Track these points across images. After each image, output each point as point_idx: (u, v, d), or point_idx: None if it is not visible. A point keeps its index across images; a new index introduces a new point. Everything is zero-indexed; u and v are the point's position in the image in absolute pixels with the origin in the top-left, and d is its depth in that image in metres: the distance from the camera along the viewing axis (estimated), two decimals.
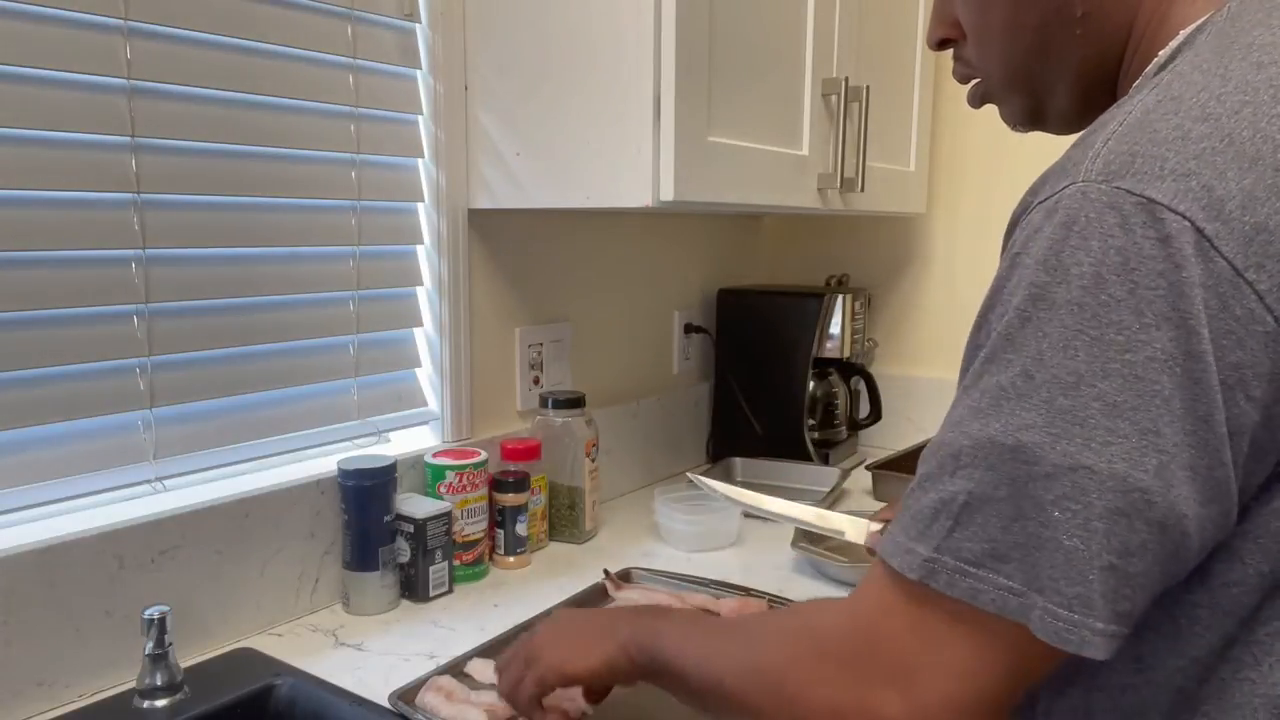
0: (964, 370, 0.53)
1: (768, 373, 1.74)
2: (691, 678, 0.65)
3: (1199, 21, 0.55)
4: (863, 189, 1.44)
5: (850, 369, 1.81)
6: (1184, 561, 0.48)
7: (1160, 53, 0.57)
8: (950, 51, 0.70)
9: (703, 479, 1.23)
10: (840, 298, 1.71)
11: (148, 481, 1.00)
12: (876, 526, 0.99)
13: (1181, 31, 0.56)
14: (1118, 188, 0.46)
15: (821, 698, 0.55)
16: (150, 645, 0.88)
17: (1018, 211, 0.54)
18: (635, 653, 0.70)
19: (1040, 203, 0.50)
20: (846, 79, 1.37)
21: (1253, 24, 0.51)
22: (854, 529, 1.01)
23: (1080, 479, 0.46)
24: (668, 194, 1.09)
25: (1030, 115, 0.68)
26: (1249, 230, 0.45)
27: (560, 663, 0.74)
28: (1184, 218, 0.45)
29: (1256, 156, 0.46)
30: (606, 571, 1.17)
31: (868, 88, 1.43)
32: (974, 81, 0.69)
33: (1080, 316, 0.46)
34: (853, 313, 1.72)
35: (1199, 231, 0.45)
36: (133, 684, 0.91)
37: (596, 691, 0.78)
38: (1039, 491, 0.46)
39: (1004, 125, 0.70)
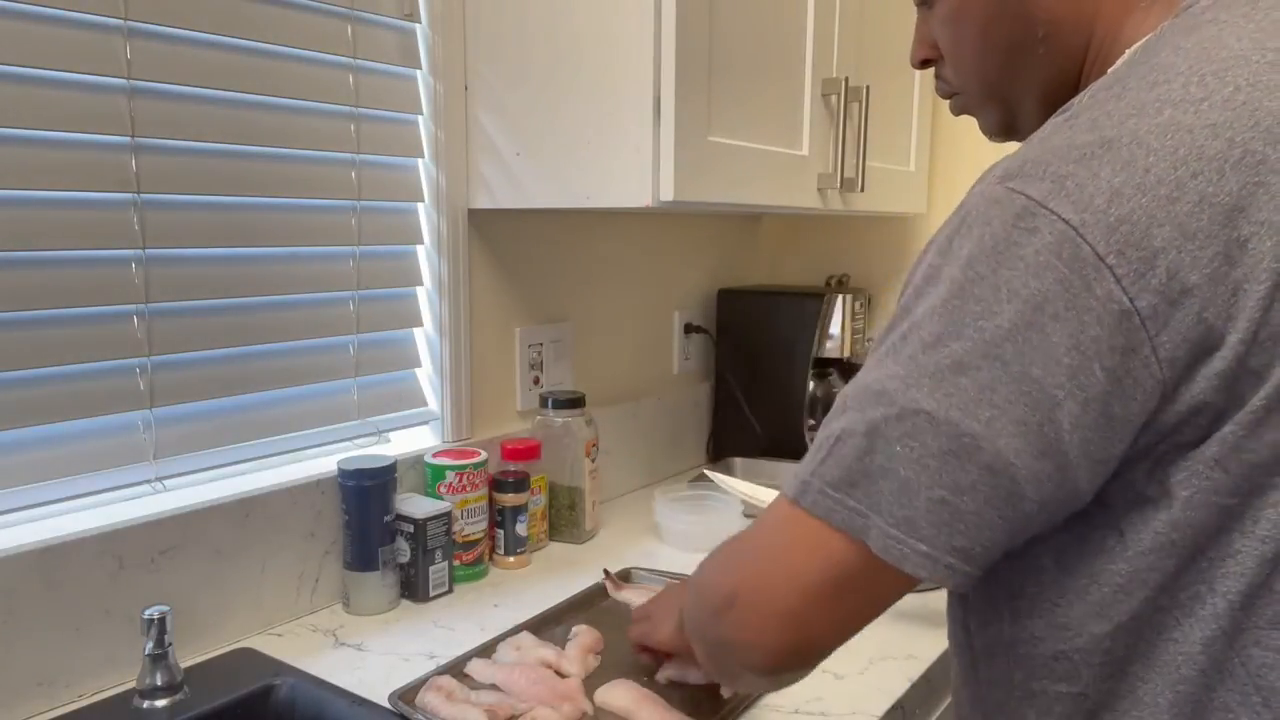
0: None
1: (768, 373, 1.74)
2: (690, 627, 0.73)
3: (1147, 38, 0.61)
4: (863, 189, 1.44)
5: (850, 369, 1.80)
6: (1022, 510, 0.54)
7: (1110, 69, 0.62)
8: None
9: (717, 475, 1.26)
10: (840, 298, 1.71)
11: (148, 481, 1.00)
12: None
13: (1127, 50, 0.62)
14: (1007, 187, 0.54)
15: (713, 588, 0.65)
16: (150, 645, 0.88)
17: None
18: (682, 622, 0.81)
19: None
20: (846, 79, 1.37)
21: (1168, 45, 0.58)
22: None
23: (921, 421, 0.53)
24: (668, 194, 1.09)
25: (1004, 127, 0.74)
26: (1113, 221, 0.51)
27: (653, 630, 0.91)
28: (1053, 212, 0.52)
29: (1130, 159, 0.52)
30: (606, 571, 1.17)
31: (868, 88, 1.43)
32: (955, 96, 0.75)
33: (951, 289, 0.54)
34: (853, 313, 1.72)
35: (1066, 223, 0.51)
36: (133, 684, 0.91)
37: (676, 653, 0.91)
38: (889, 429, 0.54)
39: None
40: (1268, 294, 0.51)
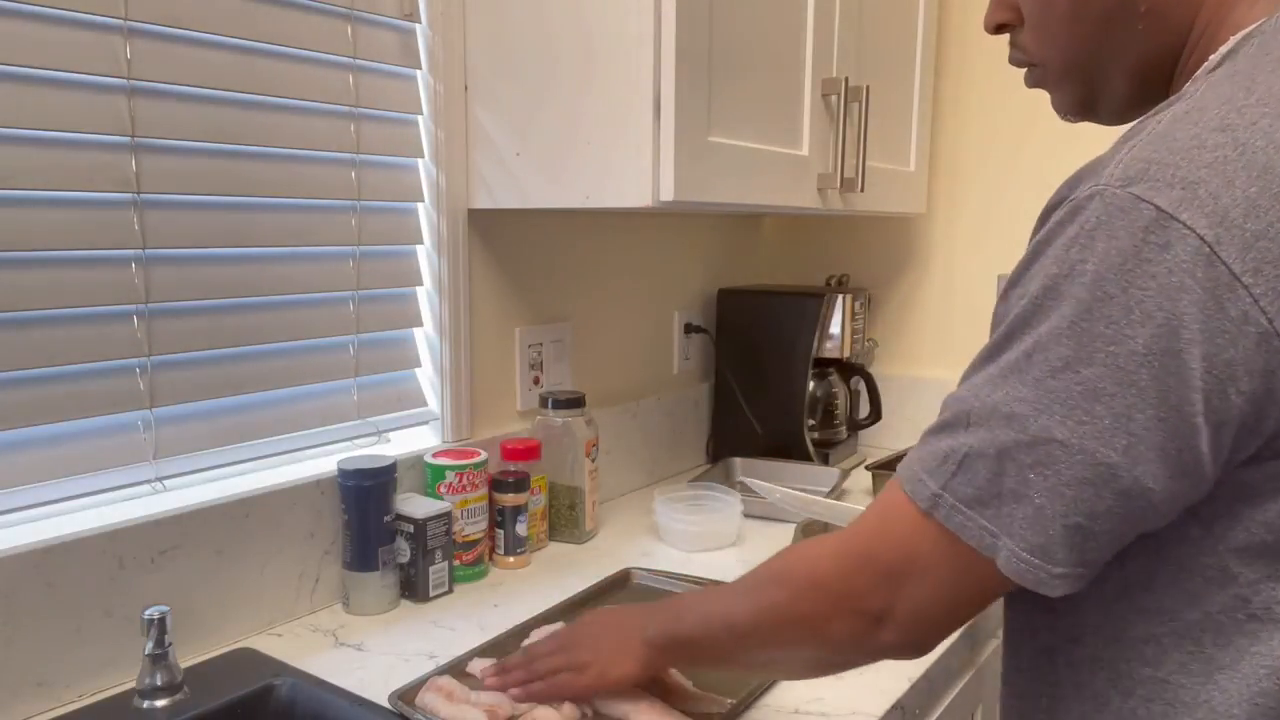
0: (993, 329, 0.59)
1: (768, 373, 1.74)
2: (719, 643, 0.74)
3: (1255, 25, 0.57)
4: (863, 189, 1.44)
5: (850, 369, 1.81)
6: (1154, 520, 0.54)
7: (1213, 55, 0.59)
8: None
9: (758, 483, 1.31)
10: (840, 298, 1.71)
11: (148, 481, 1.00)
12: None
13: (1233, 36, 0.58)
14: (1131, 193, 0.50)
15: (830, 601, 0.64)
16: (150, 645, 0.88)
17: (1052, 201, 0.58)
18: (664, 643, 0.79)
19: (1069, 199, 0.55)
20: (846, 79, 1.37)
21: None
22: None
23: (1054, 450, 0.52)
24: (668, 194, 1.09)
25: (1082, 105, 0.69)
26: (1249, 237, 0.48)
27: (602, 672, 0.83)
28: (1186, 226, 0.49)
29: (1267, 165, 0.49)
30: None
31: (868, 88, 1.43)
32: (1030, 67, 0.70)
33: (1078, 309, 0.51)
34: (853, 313, 1.72)
35: (1200, 238, 0.48)
36: (133, 684, 0.91)
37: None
38: (1021, 455, 0.54)
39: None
40: None
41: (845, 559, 0.64)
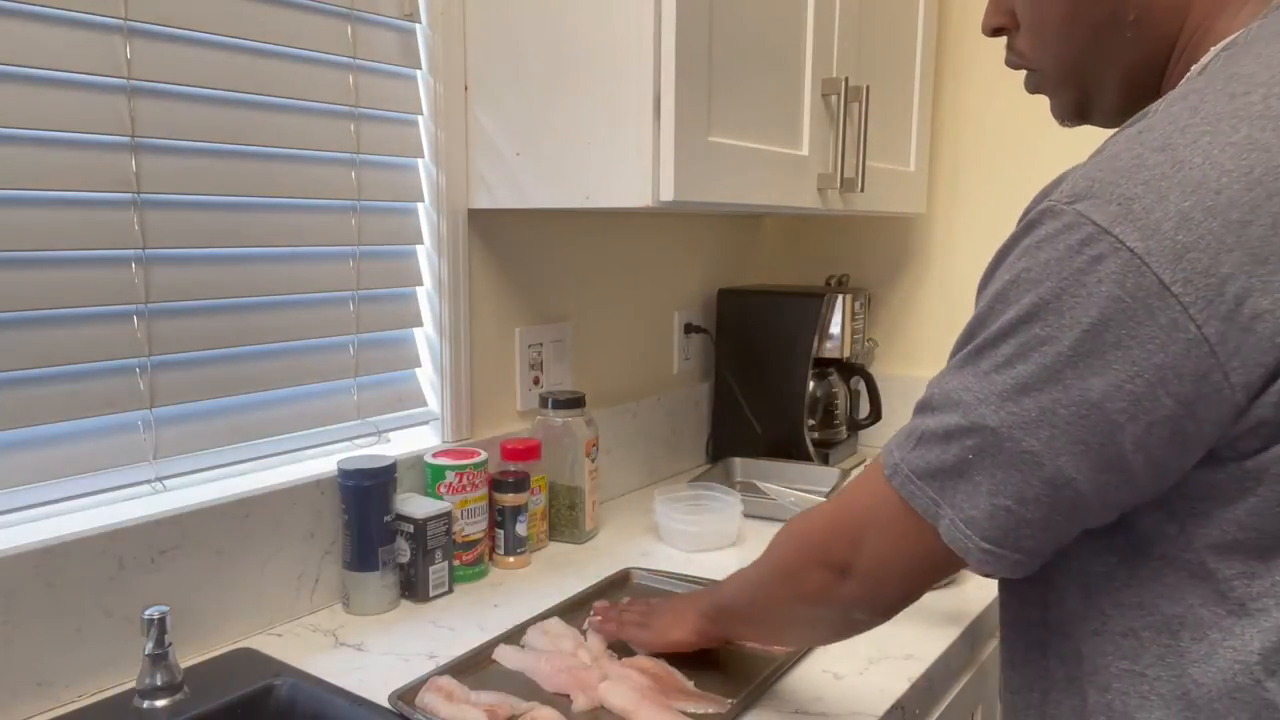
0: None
1: (768, 373, 1.74)
2: (743, 605, 0.86)
3: (1232, 37, 0.59)
4: (863, 189, 1.44)
5: (850, 369, 1.81)
6: (1090, 513, 0.58)
7: (1194, 66, 0.61)
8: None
9: (769, 486, 1.37)
10: (840, 298, 1.71)
11: (148, 481, 1.01)
12: None
13: (1214, 47, 0.60)
14: (1075, 209, 0.54)
15: (807, 553, 0.73)
16: (150, 645, 0.88)
17: (1028, 207, 0.61)
18: (712, 612, 0.92)
19: (1030, 210, 0.59)
20: (846, 79, 1.37)
21: (1251, 52, 0.56)
22: None
23: (986, 436, 0.58)
24: (668, 194, 1.09)
25: (1077, 110, 0.72)
26: (1179, 249, 0.51)
27: (660, 633, 0.97)
28: (1118, 240, 0.52)
29: (1201, 181, 0.51)
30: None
31: (868, 88, 1.43)
32: (1027, 72, 0.72)
33: (1020, 313, 0.56)
34: (853, 313, 1.72)
35: (1131, 251, 0.51)
36: (133, 684, 0.91)
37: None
38: (962, 438, 0.59)
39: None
40: None
41: (826, 518, 0.72)
